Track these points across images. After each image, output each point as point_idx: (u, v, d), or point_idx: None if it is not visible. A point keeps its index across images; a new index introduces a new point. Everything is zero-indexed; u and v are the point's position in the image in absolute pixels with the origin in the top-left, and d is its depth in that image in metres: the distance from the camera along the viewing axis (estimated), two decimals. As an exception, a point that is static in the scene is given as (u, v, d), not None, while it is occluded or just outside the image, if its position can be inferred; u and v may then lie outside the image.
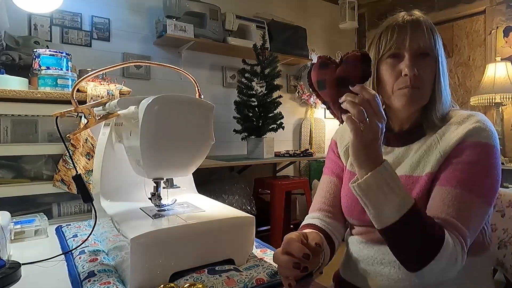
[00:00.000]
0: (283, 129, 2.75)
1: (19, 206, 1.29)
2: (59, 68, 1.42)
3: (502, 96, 2.47)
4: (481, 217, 0.69)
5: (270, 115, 2.68)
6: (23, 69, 1.56)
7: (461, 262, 0.64)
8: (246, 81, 2.67)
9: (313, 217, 0.88)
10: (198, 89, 0.90)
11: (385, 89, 0.79)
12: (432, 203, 0.70)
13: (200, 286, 0.60)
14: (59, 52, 1.44)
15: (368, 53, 0.63)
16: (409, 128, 0.81)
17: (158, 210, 0.76)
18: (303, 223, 0.88)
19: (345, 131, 0.93)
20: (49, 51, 1.43)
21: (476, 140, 0.70)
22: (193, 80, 0.91)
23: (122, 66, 0.86)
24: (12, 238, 0.87)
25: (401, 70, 0.75)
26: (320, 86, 0.67)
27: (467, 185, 0.68)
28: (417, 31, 0.75)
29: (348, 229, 0.92)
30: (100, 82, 1.44)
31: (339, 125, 0.85)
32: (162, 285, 0.60)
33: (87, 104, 0.84)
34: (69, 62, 1.48)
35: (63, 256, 0.77)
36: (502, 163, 2.43)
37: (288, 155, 2.79)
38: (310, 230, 0.78)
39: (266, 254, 0.80)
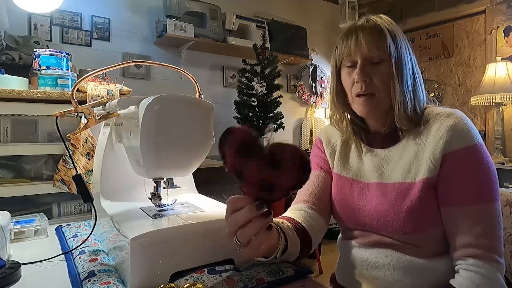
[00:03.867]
0: (283, 129, 2.75)
1: (19, 206, 1.29)
2: (59, 68, 1.42)
3: (502, 96, 2.47)
4: (499, 214, 0.69)
5: (270, 115, 2.68)
6: (23, 69, 1.55)
7: (503, 273, 0.66)
8: (246, 81, 2.67)
9: (295, 208, 0.85)
10: (198, 89, 0.90)
11: (347, 96, 0.81)
12: (458, 229, 0.69)
13: (200, 286, 0.60)
14: (59, 52, 1.44)
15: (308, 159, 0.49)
16: (387, 131, 0.80)
17: (158, 210, 0.76)
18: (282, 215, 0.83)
19: (331, 131, 0.92)
20: (49, 51, 1.43)
21: (465, 145, 0.70)
22: (193, 80, 0.91)
23: (122, 66, 0.86)
24: (12, 238, 0.87)
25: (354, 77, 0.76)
26: (239, 176, 0.54)
27: (479, 197, 0.69)
28: (366, 38, 0.74)
29: (340, 234, 0.90)
30: (100, 82, 1.44)
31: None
32: (162, 285, 0.60)
33: (87, 104, 0.84)
34: (69, 62, 1.48)
35: (63, 256, 0.77)
36: (502, 163, 2.44)
37: (288, 155, 2.78)
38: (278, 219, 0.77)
39: (266, 254, 0.79)
